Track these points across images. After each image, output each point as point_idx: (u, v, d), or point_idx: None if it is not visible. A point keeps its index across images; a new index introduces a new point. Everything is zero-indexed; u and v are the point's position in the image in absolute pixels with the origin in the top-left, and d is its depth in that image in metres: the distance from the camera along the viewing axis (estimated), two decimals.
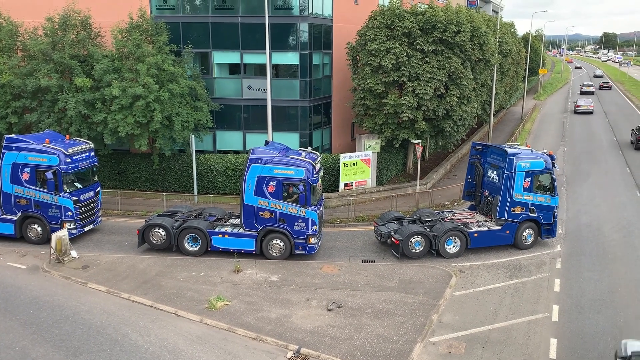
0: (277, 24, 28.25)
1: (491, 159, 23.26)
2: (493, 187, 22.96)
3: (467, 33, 27.73)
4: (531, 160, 21.89)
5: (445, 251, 21.28)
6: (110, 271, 19.87)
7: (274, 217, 20.57)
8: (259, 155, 20.50)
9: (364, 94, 28.34)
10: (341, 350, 14.83)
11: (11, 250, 21.79)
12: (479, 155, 24.19)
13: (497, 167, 22.63)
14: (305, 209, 20.30)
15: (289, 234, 20.61)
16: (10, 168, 21.87)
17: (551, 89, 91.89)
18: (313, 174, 20.29)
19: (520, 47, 56.27)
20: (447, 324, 16.43)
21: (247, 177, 20.50)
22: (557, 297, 18.24)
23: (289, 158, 20.47)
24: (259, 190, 20.43)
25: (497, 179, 22.61)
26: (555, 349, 15.14)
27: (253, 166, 20.41)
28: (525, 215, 21.98)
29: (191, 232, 21.11)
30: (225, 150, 30.76)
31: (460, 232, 21.38)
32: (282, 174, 20.24)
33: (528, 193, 21.85)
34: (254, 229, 20.84)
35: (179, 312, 16.97)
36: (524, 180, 21.72)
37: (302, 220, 20.42)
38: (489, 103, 37.38)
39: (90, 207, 23.20)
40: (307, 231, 20.51)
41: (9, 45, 28.15)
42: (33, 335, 15.49)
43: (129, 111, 25.69)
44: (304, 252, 20.80)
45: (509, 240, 22.15)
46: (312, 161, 20.67)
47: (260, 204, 20.53)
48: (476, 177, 24.34)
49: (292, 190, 20.43)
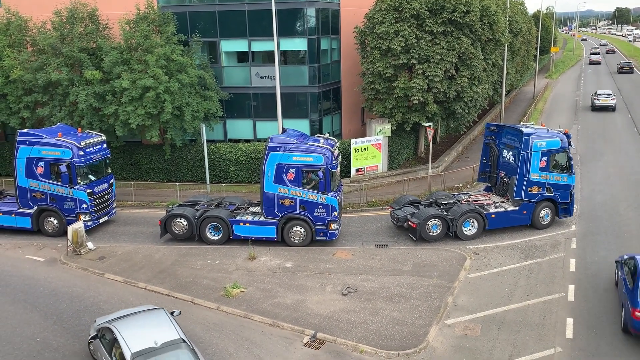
0: (284, 10, 28.08)
1: (506, 140, 23.09)
2: (509, 167, 22.82)
3: (476, 13, 27.35)
4: (547, 140, 21.71)
5: (462, 233, 21.24)
6: (127, 261, 20.11)
7: (294, 205, 20.58)
8: (278, 143, 20.44)
9: (373, 78, 28.15)
10: (357, 334, 14.93)
11: (29, 244, 22.12)
12: (494, 136, 24.06)
13: (513, 148, 22.48)
14: (325, 195, 20.29)
15: (310, 221, 20.61)
16: (25, 162, 22.11)
17: (563, 67, 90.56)
18: (332, 160, 20.26)
19: (530, 25, 55.45)
20: (462, 306, 16.44)
21: (267, 165, 20.49)
22: (573, 276, 18.15)
23: (307, 145, 20.43)
24: (279, 178, 20.43)
25: (513, 159, 22.44)
26: (571, 328, 15.10)
27: (272, 154, 20.38)
28: (542, 194, 21.83)
29: (213, 221, 21.20)
30: (235, 139, 30.82)
31: (477, 214, 21.29)
32: (301, 161, 20.22)
33: (544, 172, 21.70)
34: (274, 216, 20.88)
35: (195, 300, 17.16)
36: (540, 160, 21.56)
37: (323, 207, 20.42)
38: (500, 83, 36.96)
39: (105, 199, 23.42)
40: (327, 217, 20.51)
41: (19, 40, 28.34)
42: (54, 326, 15.78)
43: (139, 102, 25.81)
44: (325, 238, 20.82)
45: (526, 220, 22.03)
46: (330, 147, 20.61)
47: (280, 191, 20.54)
48: (491, 158, 24.21)
49: (311, 177, 20.42)
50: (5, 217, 22.84)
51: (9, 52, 27.57)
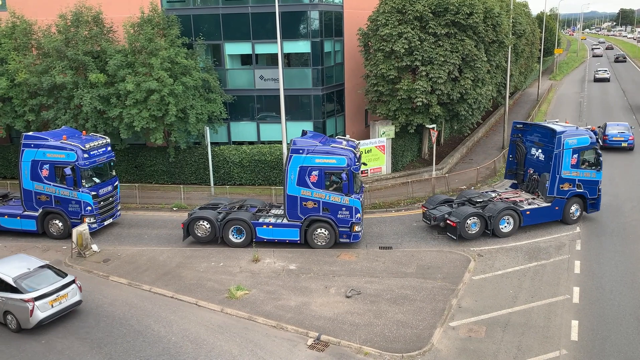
0: (287, 13, 28.15)
1: (535, 137, 23.57)
2: (538, 165, 23.32)
3: (479, 14, 27.35)
4: (577, 137, 22.20)
5: (499, 231, 21.49)
6: (131, 264, 20.15)
7: (317, 207, 20.53)
8: (300, 145, 20.38)
9: (377, 80, 28.17)
10: (361, 337, 14.92)
11: (34, 246, 22.20)
12: (520, 134, 24.46)
13: (543, 145, 22.95)
14: (349, 197, 20.24)
15: (333, 223, 20.54)
16: (30, 165, 22.21)
17: (567, 68, 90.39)
18: (355, 162, 20.24)
19: (534, 27, 55.36)
20: (466, 308, 16.41)
21: (289, 168, 20.43)
22: (578, 279, 18.09)
23: (330, 147, 20.40)
24: (302, 180, 20.37)
25: (543, 156, 22.98)
26: (576, 331, 15.04)
27: (295, 156, 20.33)
28: (573, 191, 22.38)
29: (235, 224, 21.10)
30: (239, 142, 30.87)
31: (514, 211, 21.61)
32: (324, 163, 20.18)
33: (575, 169, 22.23)
34: (297, 219, 20.84)
35: (199, 302, 17.18)
36: (571, 157, 22.07)
37: (346, 209, 20.37)
38: (504, 85, 36.91)
39: (110, 202, 23.49)
40: (351, 219, 20.45)
41: (24, 43, 28.47)
42: (58, 328, 15.82)
43: (143, 105, 25.89)
44: (348, 240, 20.75)
45: (558, 216, 22.50)
46: (353, 149, 20.58)
47: (303, 194, 20.50)
48: (518, 156, 24.60)
49: (333, 179, 20.39)
50: (11, 220, 22.95)
51: (14, 55, 27.71)
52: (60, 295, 15.80)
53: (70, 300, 16.13)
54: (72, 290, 16.18)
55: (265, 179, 28.93)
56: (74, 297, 16.25)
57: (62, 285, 15.96)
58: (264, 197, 26.59)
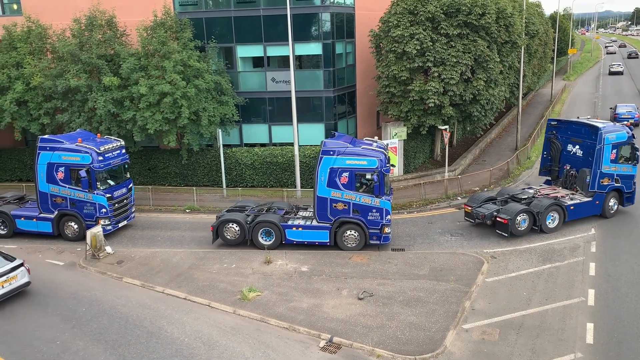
0: (298, 15, 28.21)
1: (572, 134, 24.04)
2: (575, 161, 23.82)
3: (492, 15, 27.19)
4: (616, 133, 22.82)
5: (546, 226, 21.78)
6: (145, 265, 20.29)
7: (347, 208, 20.47)
8: (331, 147, 20.34)
9: (389, 82, 28.11)
10: (373, 339, 14.87)
11: (49, 248, 22.44)
12: (555, 131, 24.88)
13: (581, 142, 23.46)
14: (379, 198, 20.16)
15: (364, 225, 20.46)
16: (46, 168, 22.44)
17: (581, 68, 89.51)
18: (385, 164, 20.20)
19: (547, 27, 54.93)
20: (479, 311, 16.29)
21: (320, 169, 20.37)
22: (593, 281, 17.88)
23: (360, 148, 20.37)
24: (332, 182, 20.33)
25: (581, 152, 23.52)
26: (592, 333, 14.86)
27: (325, 158, 20.27)
28: (612, 185, 23.02)
29: (265, 226, 21.06)
30: (251, 144, 30.97)
31: (559, 207, 21.98)
32: (355, 165, 20.12)
33: (614, 164, 22.89)
34: (327, 220, 20.77)
35: (212, 303, 17.24)
36: (611, 152, 22.70)
37: (376, 210, 20.30)
38: (517, 86, 36.64)
39: (124, 204, 23.66)
40: (381, 221, 20.38)
41: (39, 47, 28.82)
42: (73, 329, 15.96)
43: (156, 108, 26.09)
44: (378, 242, 20.65)
45: (598, 210, 23.06)
46: (383, 150, 20.54)
47: (334, 195, 20.44)
48: (552, 153, 24.99)
49: (363, 181, 20.33)
50: (27, 222, 23.18)
51: (29, 59, 28.06)
52: (10, 277, 17.18)
53: (20, 282, 17.51)
54: (20, 272, 17.55)
55: (277, 180, 28.99)
56: (22, 279, 17.63)
57: (11, 268, 17.25)
58: (276, 198, 26.67)
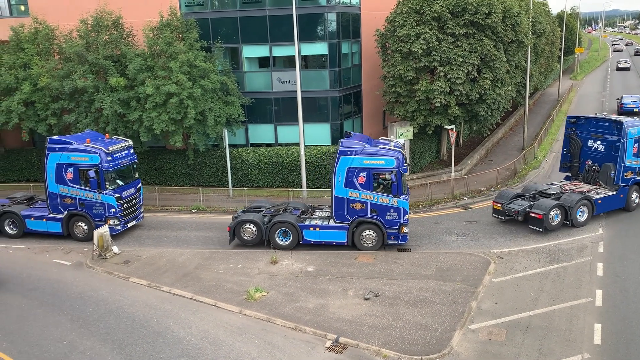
0: (304, 15, 28.22)
1: (592, 130, 24.48)
2: (596, 156, 24.33)
3: (498, 14, 27.08)
4: (637, 127, 23.38)
5: (577, 220, 22.09)
6: (151, 265, 20.35)
7: (365, 208, 20.43)
8: (348, 147, 20.30)
9: (395, 81, 28.06)
10: (380, 339, 14.85)
11: (56, 248, 22.56)
12: (574, 128, 25.34)
13: (602, 137, 23.97)
14: (397, 198, 20.12)
15: (381, 225, 20.42)
16: (55, 168, 22.51)
17: (588, 67, 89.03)
18: (403, 163, 20.16)
19: (554, 26, 54.67)
20: (486, 311, 16.23)
21: (337, 170, 20.35)
22: (601, 281, 17.77)
23: (378, 148, 20.34)
24: (349, 182, 20.30)
25: (603, 147, 24.02)
26: (599, 334, 14.78)
27: (342, 158, 20.24)
28: (634, 178, 23.63)
29: (282, 227, 21.01)
30: (257, 144, 31.00)
31: (588, 201, 22.33)
32: (373, 165, 20.09)
33: (636, 158, 23.48)
34: (345, 220, 20.73)
35: (218, 303, 17.28)
36: (633, 146, 23.27)
37: (394, 210, 20.25)
38: (524, 85, 36.47)
39: (133, 204, 23.72)
40: (399, 221, 20.33)
41: (46, 48, 28.98)
42: (80, 328, 16.04)
43: (163, 108, 26.16)
44: (396, 242, 20.63)
45: (622, 203, 23.60)
46: (401, 150, 20.49)
47: (351, 195, 20.40)
48: (572, 149, 25.43)
49: (381, 180, 20.30)
50: (37, 222, 23.27)
51: (36, 60, 28.22)
52: None
53: None
54: None
55: (282, 181, 29.01)
56: None
57: None
58: (282, 198, 26.68)
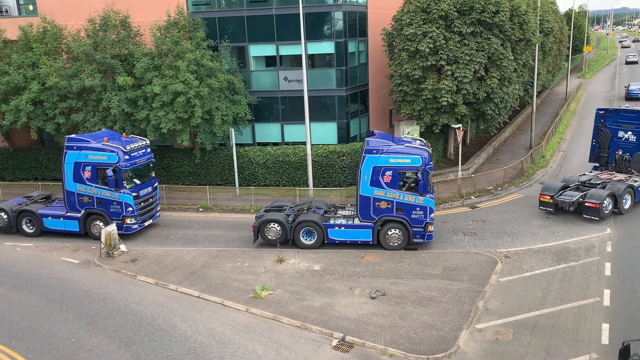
0: (311, 14, 28.21)
1: (622, 121, 25.69)
2: (628, 146, 25.60)
3: (506, 13, 26.96)
4: None
5: (623, 208, 23.15)
6: (158, 264, 20.44)
7: (390, 207, 20.39)
8: (374, 145, 20.29)
9: (401, 80, 28.01)
10: (386, 338, 14.84)
11: (64, 246, 22.70)
12: (603, 120, 26.53)
13: (634, 128, 25.21)
14: (423, 197, 20.11)
15: (407, 223, 20.40)
16: (73, 167, 22.53)
17: (597, 66, 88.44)
18: (429, 161, 20.15)
19: (562, 24, 54.35)
20: (493, 310, 16.19)
21: (363, 168, 20.33)
22: (609, 281, 17.67)
23: (404, 147, 20.33)
24: (375, 181, 20.28)
25: (634, 137, 25.32)
26: (607, 334, 14.70)
27: (368, 157, 20.24)
28: None
29: (307, 226, 20.97)
30: (264, 143, 31.04)
31: (631, 188, 23.46)
32: (399, 163, 20.07)
33: None
34: (370, 219, 20.70)
35: (225, 302, 17.33)
36: None
37: (420, 209, 20.22)
38: (531, 84, 36.30)
39: (149, 202, 23.76)
40: (425, 219, 20.31)
41: (54, 48, 29.13)
42: (88, 326, 16.14)
43: (170, 107, 26.24)
44: (422, 240, 20.60)
45: None
46: (426, 148, 20.49)
47: (377, 194, 20.38)
48: (601, 140, 26.60)
49: (407, 179, 20.27)
50: (55, 221, 23.36)
51: (45, 59, 28.37)
52: None
53: None
54: None
55: (289, 179, 29.03)
56: None
57: None
58: (289, 197, 26.70)
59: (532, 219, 23.52)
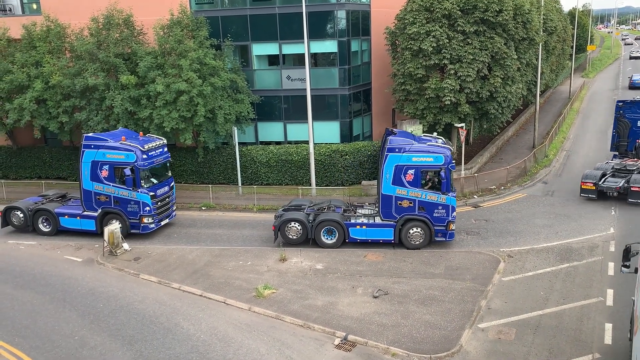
0: (314, 13, 28.18)
1: None
2: None
3: (509, 12, 26.89)
4: None
5: None
6: (161, 262, 20.47)
7: (412, 206, 20.38)
8: (396, 144, 20.26)
9: (404, 79, 27.96)
10: (388, 337, 14.84)
11: (67, 244, 22.75)
12: (622, 111, 28.49)
13: None
14: (446, 195, 20.10)
15: (429, 222, 20.37)
16: (90, 166, 22.45)
17: (600, 65, 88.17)
18: (451, 160, 20.13)
19: (566, 23, 54.21)
20: (496, 310, 16.17)
21: (385, 167, 20.31)
22: (612, 281, 17.64)
23: (427, 145, 20.29)
24: (397, 179, 20.26)
25: None
26: (610, 334, 14.69)
27: (391, 155, 20.20)
28: None
29: (328, 225, 20.88)
30: (267, 142, 31.05)
31: None
32: (422, 162, 20.06)
33: None
34: (392, 218, 20.67)
35: (227, 300, 17.35)
36: None
37: (442, 207, 20.21)
38: (535, 83, 36.22)
39: (166, 202, 23.71)
40: (447, 218, 20.30)
41: (58, 47, 29.18)
42: (91, 324, 16.19)
43: (173, 106, 26.27)
44: (444, 239, 20.58)
45: None
46: (448, 147, 20.45)
47: (399, 193, 20.36)
48: (620, 130, 28.59)
49: (429, 177, 20.29)
50: (71, 220, 23.32)
51: (48, 58, 28.42)
52: None
53: None
54: None
55: (292, 178, 29.04)
56: None
57: None
58: (291, 196, 26.71)
59: (535, 219, 23.48)
